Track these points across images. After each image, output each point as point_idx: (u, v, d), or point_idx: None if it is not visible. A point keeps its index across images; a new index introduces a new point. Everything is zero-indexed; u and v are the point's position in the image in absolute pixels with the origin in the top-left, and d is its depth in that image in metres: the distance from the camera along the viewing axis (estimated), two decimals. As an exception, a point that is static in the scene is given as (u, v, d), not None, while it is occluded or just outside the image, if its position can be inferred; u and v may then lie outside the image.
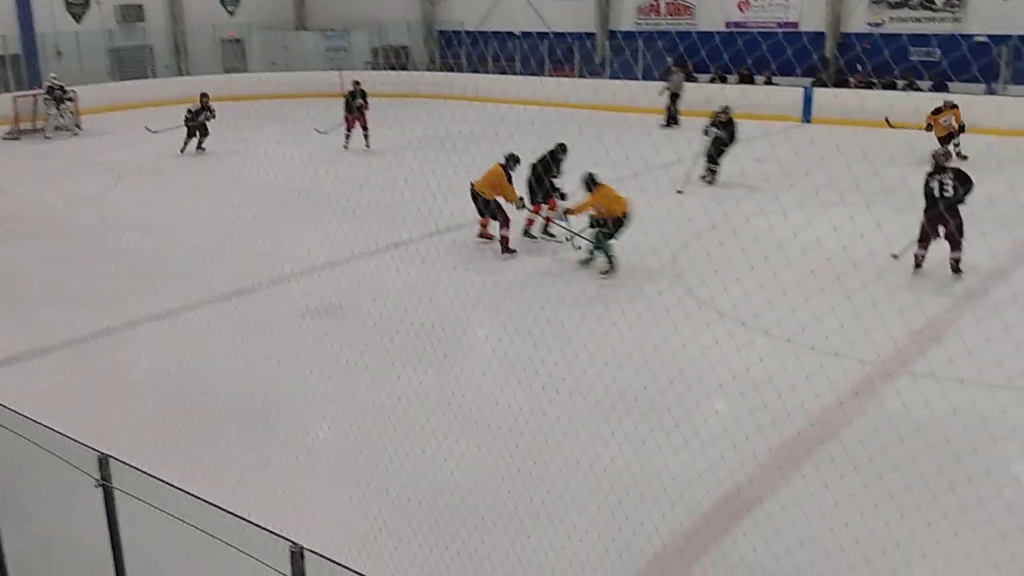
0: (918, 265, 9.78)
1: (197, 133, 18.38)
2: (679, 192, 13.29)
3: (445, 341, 8.26)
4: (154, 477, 3.53)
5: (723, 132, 14.21)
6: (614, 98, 20.66)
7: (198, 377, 7.65)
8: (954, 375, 6.81)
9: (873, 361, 7.47)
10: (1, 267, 11.01)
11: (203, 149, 18.58)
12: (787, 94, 20.88)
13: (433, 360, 7.84)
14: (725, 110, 14.35)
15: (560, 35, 26.28)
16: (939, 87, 19.68)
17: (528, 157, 11.49)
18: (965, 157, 14.90)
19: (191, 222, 12.78)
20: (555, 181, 11.40)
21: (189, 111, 18.34)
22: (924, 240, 9.69)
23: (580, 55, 25.45)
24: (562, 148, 11.70)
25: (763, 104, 20.52)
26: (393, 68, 27.76)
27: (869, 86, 21.04)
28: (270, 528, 3.18)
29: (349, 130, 18.72)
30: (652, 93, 20.63)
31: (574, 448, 6.17)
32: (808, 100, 20.69)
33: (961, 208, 9.53)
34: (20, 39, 25.27)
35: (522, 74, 25.49)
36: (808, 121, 20.57)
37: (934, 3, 20.96)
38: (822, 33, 22.42)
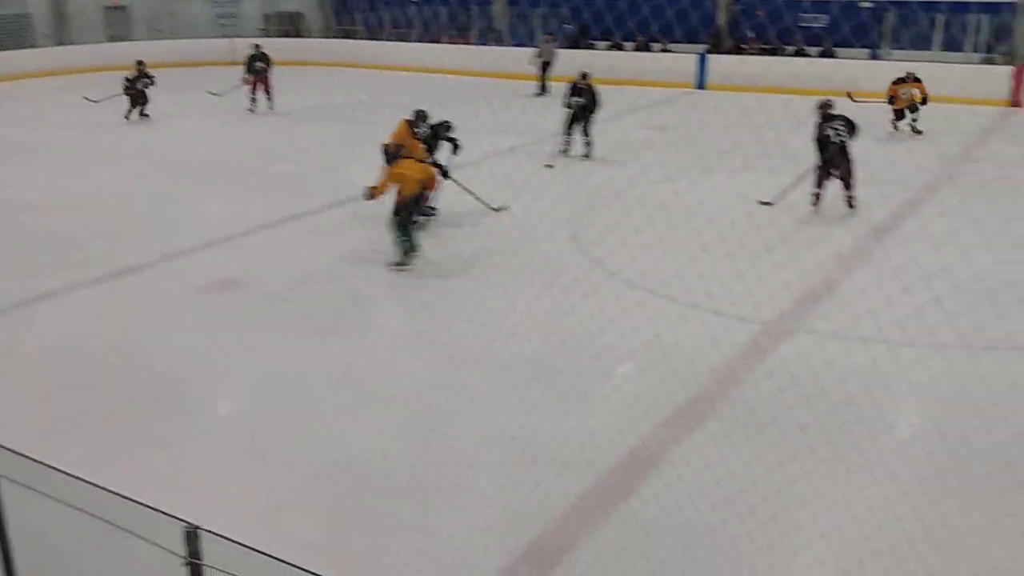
0: (816, 203, 10.64)
1: (139, 101, 18.04)
2: (548, 166, 13.03)
3: (346, 314, 8.20)
4: (43, 463, 3.42)
5: (584, 99, 13.59)
6: (514, 65, 20.67)
7: (95, 356, 7.41)
8: (853, 333, 7.14)
9: (772, 321, 7.73)
10: None
11: (146, 116, 18.23)
12: (682, 61, 21.27)
13: (335, 334, 7.77)
14: (584, 76, 13.72)
15: (459, 1, 26.05)
16: (827, 53, 20.37)
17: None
18: (919, 132, 14.93)
19: (88, 198, 12.28)
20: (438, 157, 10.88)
21: (127, 79, 17.92)
22: (820, 182, 10.62)
23: (479, 22, 25.31)
24: (445, 126, 11.12)
25: (658, 71, 20.90)
26: (287, 35, 27.09)
27: (761, 53, 21.60)
28: (164, 510, 3.13)
29: (253, 92, 18.64)
30: (557, 61, 20.68)
31: (480, 418, 6.22)
32: (703, 66, 21.12)
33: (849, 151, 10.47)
34: None
35: (420, 41, 25.23)
36: (702, 88, 21.01)
37: (821, -30, 21.58)
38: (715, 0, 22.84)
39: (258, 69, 18.58)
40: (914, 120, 15.09)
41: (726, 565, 4.63)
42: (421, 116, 10.66)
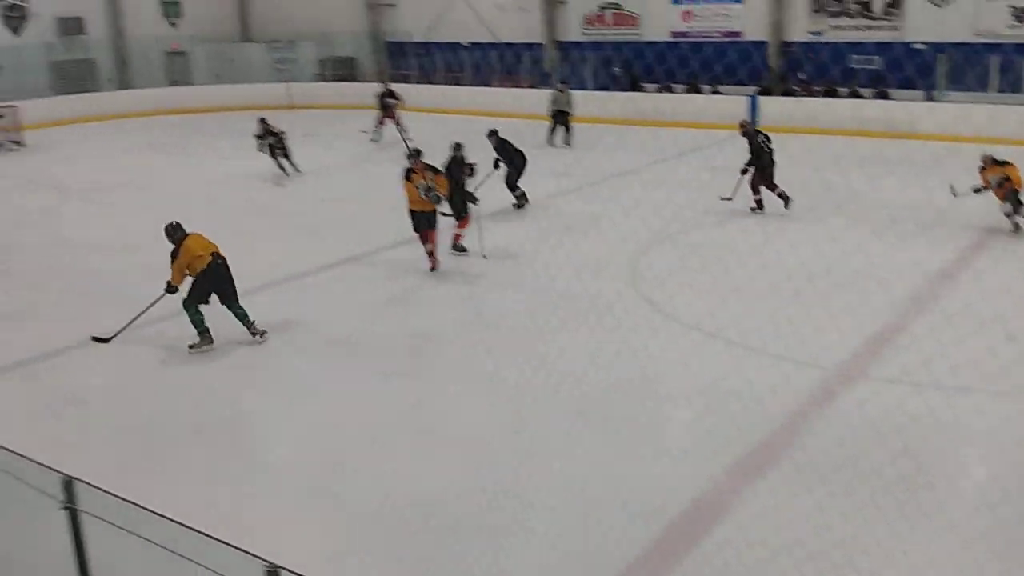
0: (759, 208, 12.35)
1: (279, 153, 16.58)
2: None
3: (407, 355, 8.25)
4: (121, 498, 3.48)
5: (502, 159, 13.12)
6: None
7: (157, 395, 7.55)
8: (910, 379, 7.01)
9: (833, 367, 7.60)
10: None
11: (295, 168, 16.71)
12: (733, 103, 21.28)
13: (396, 375, 7.82)
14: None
15: (509, 45, 26.42)
16: (881, 94, 20.24)
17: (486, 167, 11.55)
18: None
19: (142, 239, 12.56)
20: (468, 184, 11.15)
21: (258, 137, 16.61)
22: (757, 189, 12.34)
23: (529, 65, 25.63)
24: (457, 146, 11.31)
25: (709, 113, 20.93)
26: (342, 79, 27.66)
27: (812, 94, 21.52)
28: (242, 547, 3.17)
29: (380, 125, 20.42)
30: (601, 102, 20.83)
31: (544, 459, 6.19)
32: (754, 108, 21.09)
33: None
34: (-47, 53, 24.67)
35: (472, 85, 25.59)
36: (754, 129, 20.96)
37: (872, 11, 21.52)
38: (765, 42, 22.88)
39: (389, 104, 20.21)
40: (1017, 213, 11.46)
41: (797, 615, 4.53)
42: (412, 154, 10.55)
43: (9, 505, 4.34)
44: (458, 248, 10.97)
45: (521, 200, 13.23)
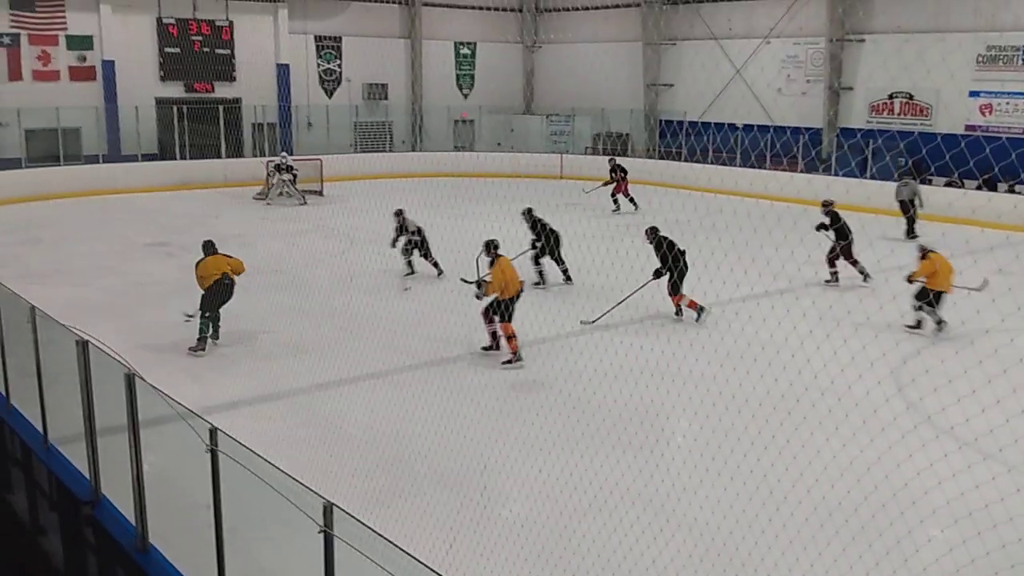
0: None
1: (414, 252, 15.07)
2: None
3: (647, 428, 8.16)
4: (376, 532, 3.67)
5: None
6: (846, 195, 20.01)
7: (407, 436, 7.98)
8: None
9: None
10: (244, 316, 12.03)
11: (437, 267, 14.94)
12: (1033, 202, 19.42)
13: (632, 446, 7.75)
14: None
15: (784, 129, 25.87)
16: None
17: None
18: None
19: (412, 288, 13.49)
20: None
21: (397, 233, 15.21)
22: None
23: (804, 150, 24.89)
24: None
25: (1001, 212, 19.21)
26: (613, 154, 28.32)
27: None
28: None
29: (615, 194, 21.87)
30: (884, 194, 19.80)
31: (782, 558, 5.86)
32: (1058, 210, 19.11)
33: None
34: (277, 109, 28.02)
35: (742, 166, 25.25)
36: (1059, 233, 18.93)
37: None
38: (1078, 140, 20.74)
39: (618, 178, 21.86)
40: None
41: None
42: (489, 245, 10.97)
43: (271, 521, 4.73)
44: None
45: (567, 276, 14.16)
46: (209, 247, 10.86)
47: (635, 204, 21.58)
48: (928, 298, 11.02)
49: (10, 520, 7.68)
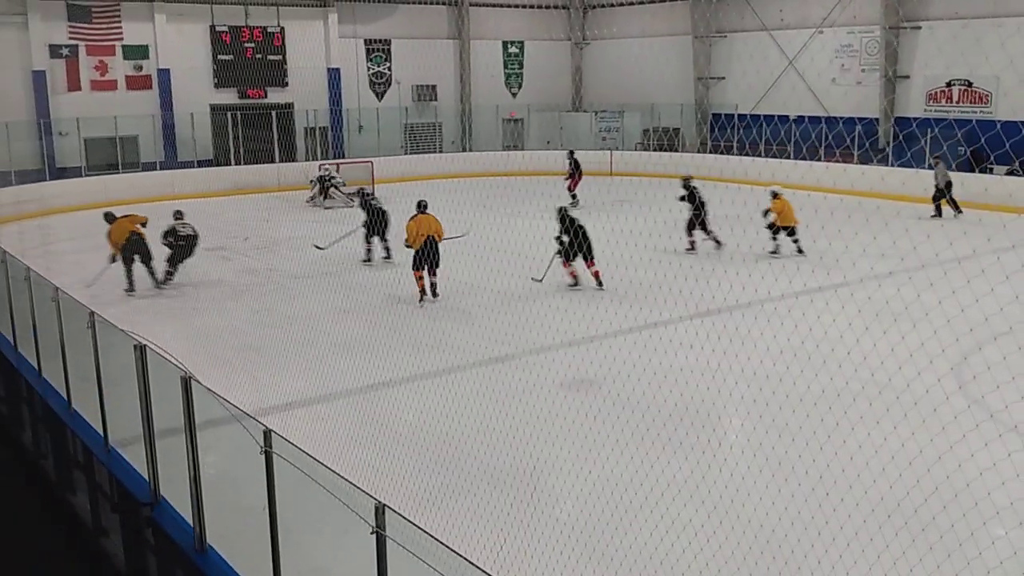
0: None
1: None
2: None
3: (702, 428, 8.08)
4: (428, 534, 3.69)
5: None
6: (902, 186, 19.62)
7: (459, 436, 8.01)
8: None
9: None
10: (296, 318, 12.22)
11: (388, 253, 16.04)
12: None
13: (688, 446, 7.68)
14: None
15: (839, 119, 25.40)
16: None
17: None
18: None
19: (462, 288, 13.53)
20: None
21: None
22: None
23: (859, 141, 24.41)
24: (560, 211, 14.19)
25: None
26: (664, 149, 28.08)
27: None
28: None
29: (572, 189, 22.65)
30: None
31: (838, 565, 5.75)
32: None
33: None
34: (329, 113, 28.36)
35: (796, 159, 24.85)
36: None
37: None
38: None
39: (572, 171, 22.52)
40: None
41: None
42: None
43: (325, 522, 4.78)
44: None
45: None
46: (110, 217, 13.95)
47: (575, 198, 22.22)
48: (777, 230, 15.17)
49: (73, 522, 7.88)
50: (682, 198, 16.51)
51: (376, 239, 15.78)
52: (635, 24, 31.30)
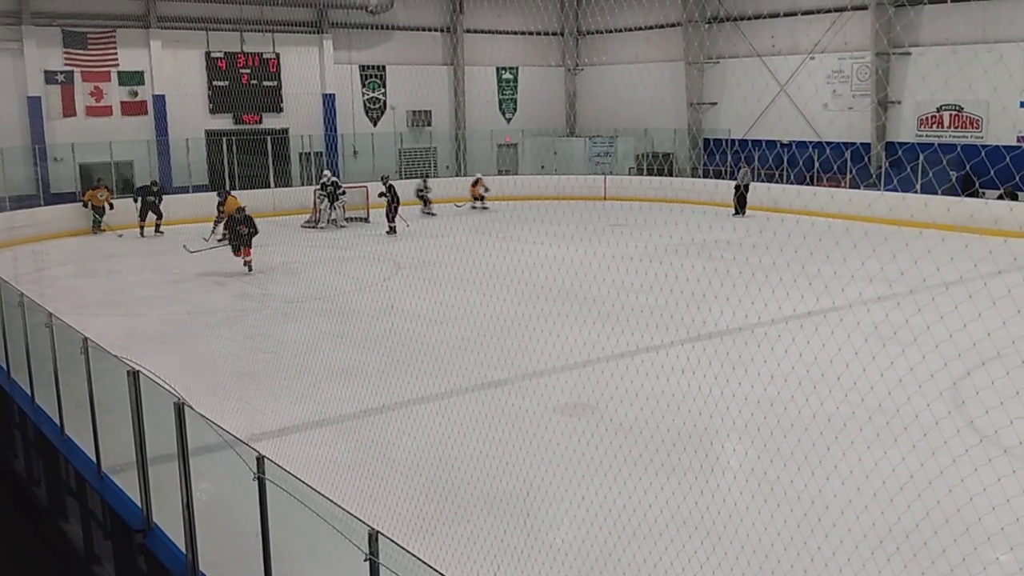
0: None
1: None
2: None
3: (696, 452, 8.10)
4: (421, 560, 3.70)
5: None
6: (889, 211, 19.72)
7: (454, 461, 8.01)
8: None
9: None
10: (293, 342, 12.23)
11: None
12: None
13: (681, 471, 7.69)
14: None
15: (830, 144, 25.59)
16: None
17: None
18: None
19: (457, 312, 13.57)
20: None
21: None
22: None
23: (852, 166, 24.59)
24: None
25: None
26: (657, 173, 28.23)
27: None
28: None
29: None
30: (933, 208, 19.47)
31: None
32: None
33: None
34: (324, 138, 28.49)
35: (789, 183, 25.02)
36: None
37: None
38: None
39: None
40: None
41: None
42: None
43: (316, 548, 4.79)
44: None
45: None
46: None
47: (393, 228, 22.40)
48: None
49: (65, 548, 7.85)
50: (381, 194, 19.68)
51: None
52: (628, 50, 31.59)
